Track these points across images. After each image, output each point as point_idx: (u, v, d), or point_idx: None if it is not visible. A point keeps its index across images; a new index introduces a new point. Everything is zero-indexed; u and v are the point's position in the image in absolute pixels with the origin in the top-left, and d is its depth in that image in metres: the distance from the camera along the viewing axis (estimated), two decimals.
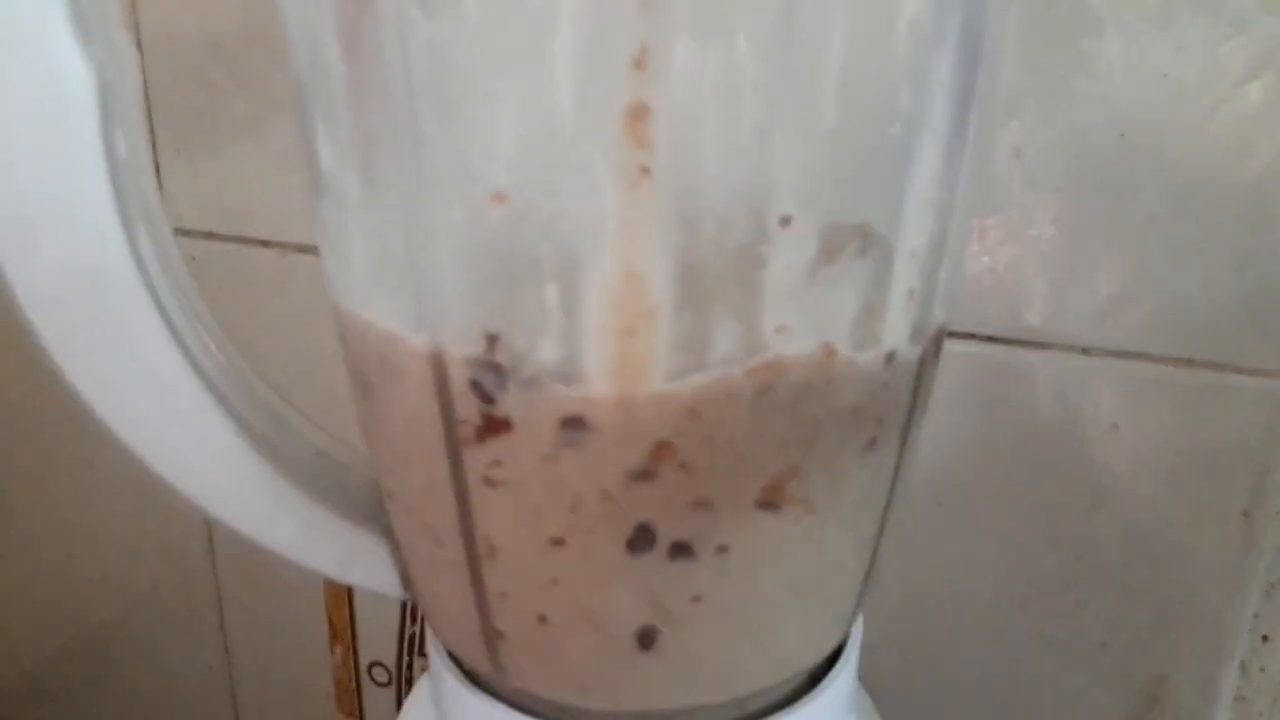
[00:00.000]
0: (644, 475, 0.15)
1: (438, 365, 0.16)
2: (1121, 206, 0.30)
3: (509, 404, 0.15)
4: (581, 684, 0.18)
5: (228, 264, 0.40)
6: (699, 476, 0.15)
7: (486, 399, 0.15)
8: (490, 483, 0.16)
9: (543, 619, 0.17)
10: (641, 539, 0.16)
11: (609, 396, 0.15)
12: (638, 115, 0.13)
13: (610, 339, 0.15)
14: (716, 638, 0.17)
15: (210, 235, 0.40)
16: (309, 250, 0.39)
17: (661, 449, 0.15)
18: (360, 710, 0.47)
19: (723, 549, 0.16)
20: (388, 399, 0.17)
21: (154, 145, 0.40)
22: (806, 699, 0.20)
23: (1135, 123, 0.29)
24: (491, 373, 0.15)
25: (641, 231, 0.14)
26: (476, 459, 0.16)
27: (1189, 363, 0.30)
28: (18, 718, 0.56)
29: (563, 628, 0.17)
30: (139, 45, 0.39)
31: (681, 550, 0.16)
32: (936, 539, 0.34)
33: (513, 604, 0.17)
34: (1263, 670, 0.32)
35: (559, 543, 0.16)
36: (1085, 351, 0.31)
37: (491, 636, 0.18)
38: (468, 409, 0.16)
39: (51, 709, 0.55)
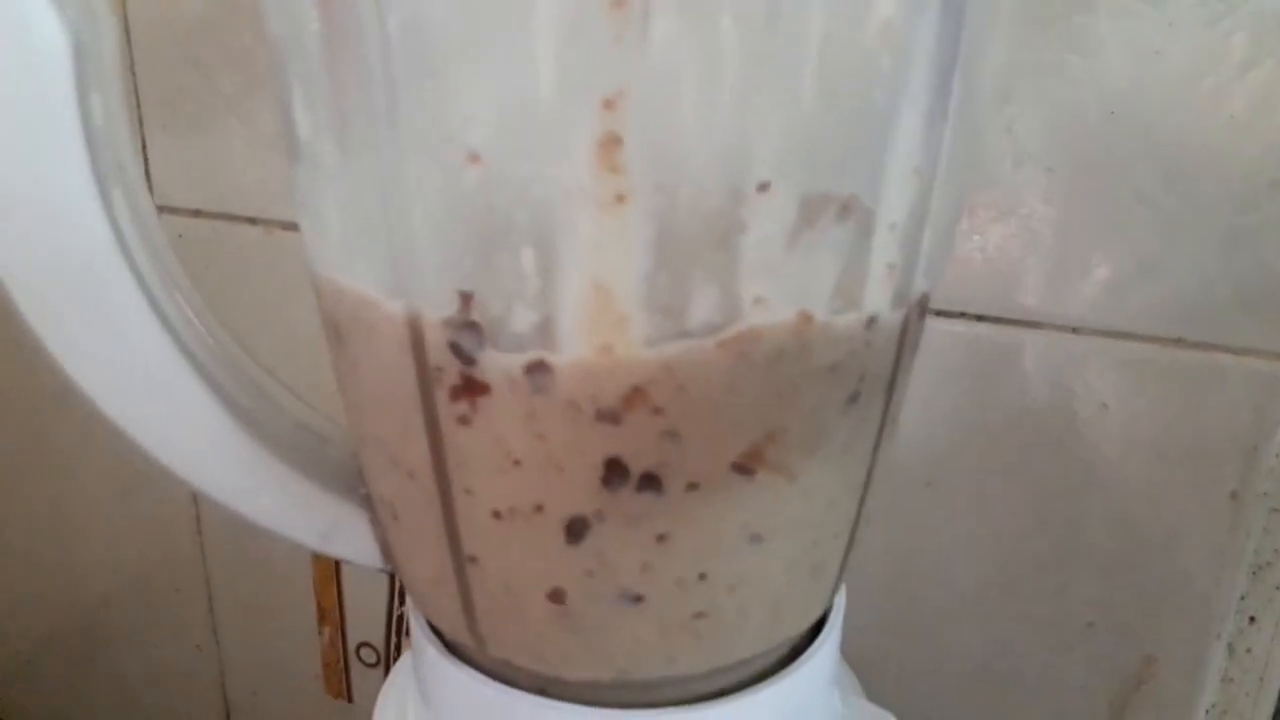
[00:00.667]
0: (614, 417, 0.15)
1: (414, 329, 0.15)
2: (1112, 185, 0.29)
3: (487, 365, 0.15)
4: (555, 643, 0.18)
5: (215, 241, 0.40)
6: (672, 419, 0.15)
7: (467, 360, 0.15)
8: (464, 420, 0.16)
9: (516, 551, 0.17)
10: (613, 474, 0.16)
11: (582, 359, 0.15)
12: (610, 144, 0.13)
13: (584, 314, 0.15)
14: (693, 599, 0.17)
15: (197, 213, 0.40)
16: (296, 227, 0.39)
17: (634, 393, 0.15)
18: (349, 691, 0.47)
19: (693, 486, 0.16)
20: (362, 354, 0.17)
21: (141, 122, 0.40)
22: (788, 670, 0.20)
23: (1127, 101, 0.29)
24: (469, 333, 0.15)
25: (618, 249, 0.14)
26: (451, 408, 0.16)
27: (1179, 343, 0.30)
28: (8, 700, 0.56)
29: (534, 559, 0.17)
30: (126, 22, 0.39)
31: (650, 482, 0.16)
32: (925, 519, 0.34)
33: (484, 539, 0.17)
34: (1249, 651, 0.33)
35: (530, 471, 0.16)
36: (1075, 331, 0.31)
37: (466, 589, 0.18)
38: (445, 369, 0.15)
39: (41, 691, 0.55)
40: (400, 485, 0.18)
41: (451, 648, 0.20)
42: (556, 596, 0.17)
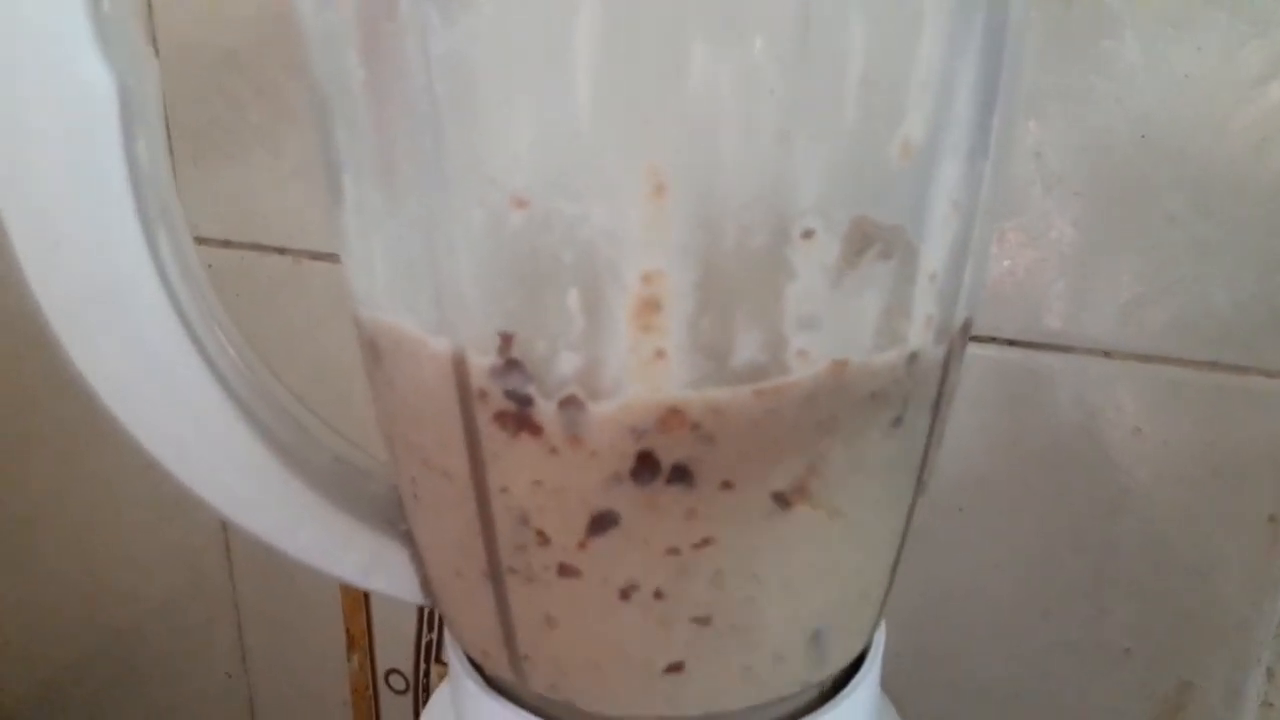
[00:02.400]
0: (648, 435, 0.15)
1: (459, 364, 0.16)
2: (1142, 208, 0.29)
3: (536, 402, 0.15)
4: (594, 670, 0.18)
5: (244, 271, 0.40)
6: (710, 429, 0.15)
7: (521, 401, 0.15)
8: (504, 431, 0.16)
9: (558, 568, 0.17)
10: (644, 468, 0.16)
11: (623, 397, 0.15)
12: (650, 307, 0.14)
13: (627, 356, 0.15)
14: (733, 639, 0.17)
15: (227, 243, 0.40)
16: (324, 257, 0.39)
17: (671, 414, 0.15)
18: (378, 718, 0.47)
19: (727, 485, 0.16)
20: (400, 375, 0.17)
21: (171, 154, 0.40)
22: (827, 707, 0.19)
23: (1156, 124, 0.29)
24: (516, 374, 0.15)
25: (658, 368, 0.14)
26: (492, 425, 0.16)
27: (1212, 365, 0.30)
28: None
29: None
30: (155, 54, 0.39)
31: (681, 474, 0.16)
32: (958, 545, 0.34)
33: (523, 552, 0.17)
34: None
35: (564, 463, 0.16)
36: (1107, 354, 0.31)
37: (505, 609, 0.18)
38: (490, 395, 0.16)
39: (70, 718, 0.56)
40: (435, 485, 0.18)
41: (491, 682, 0.20)
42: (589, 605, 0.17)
